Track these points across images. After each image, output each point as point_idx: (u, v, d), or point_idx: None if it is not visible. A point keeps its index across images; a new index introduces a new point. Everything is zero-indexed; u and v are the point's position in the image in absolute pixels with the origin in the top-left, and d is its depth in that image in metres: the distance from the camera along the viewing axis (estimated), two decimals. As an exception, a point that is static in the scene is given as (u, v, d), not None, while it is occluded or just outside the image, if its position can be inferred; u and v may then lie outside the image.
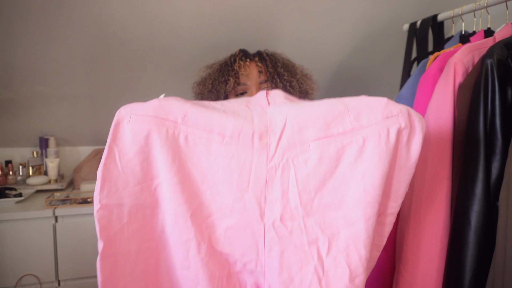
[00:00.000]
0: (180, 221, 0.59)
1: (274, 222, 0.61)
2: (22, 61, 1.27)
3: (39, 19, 1.14)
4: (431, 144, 0.88)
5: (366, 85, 1.74)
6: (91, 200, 1.36)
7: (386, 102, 0.60)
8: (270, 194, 0.61)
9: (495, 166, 0.76)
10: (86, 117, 1.59)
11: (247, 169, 0.61)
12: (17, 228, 1.25)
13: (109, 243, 0.58)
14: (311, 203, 0.61)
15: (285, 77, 0.96)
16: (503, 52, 0.78)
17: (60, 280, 1.31)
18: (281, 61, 0.98)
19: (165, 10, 1.20)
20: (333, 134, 0.60)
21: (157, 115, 0.58)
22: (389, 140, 0.59)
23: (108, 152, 0.58)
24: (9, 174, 1.56)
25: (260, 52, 1.01)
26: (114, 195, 0.58)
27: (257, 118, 0.63)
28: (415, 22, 1.24)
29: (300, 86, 0.99)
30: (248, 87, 0.95)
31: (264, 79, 0.95)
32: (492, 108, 0.76)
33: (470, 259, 0.77)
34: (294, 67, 1.00)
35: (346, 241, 0.60)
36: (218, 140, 0.60)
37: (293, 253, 0.62)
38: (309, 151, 0.60)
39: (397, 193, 0.64)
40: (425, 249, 0.87)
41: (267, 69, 0.95)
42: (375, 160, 0.59)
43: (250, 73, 0.95)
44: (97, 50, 1.30)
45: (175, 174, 0.58)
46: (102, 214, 0.58)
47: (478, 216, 0.77)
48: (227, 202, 0.61)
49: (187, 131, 0.59)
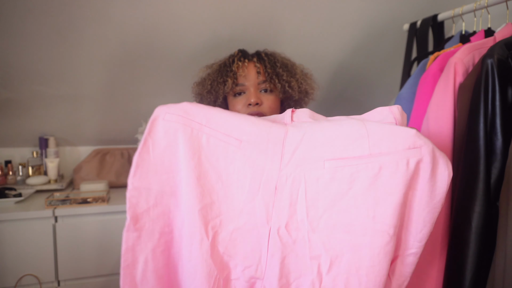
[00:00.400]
0: (190, 213, 0.64)
1: (279, 229, 0.63)
2: (22, 61, 1.27)
3: (39, 19, 1.14)
4: (431, 144, 0.88)
5: (366, 85, 1.74)
6: (91, 200, 1.36)
7: (413, 133, 0.59)
8: (279, 200, 0.63)
9: (496, 166, 0.76)
10: (86, 117, 1.59)
11: (259, 173, 0.64)
12: (17, 228, 1.25)
13: (134, 219, 0.64)
14: (318, 220, 0.62)
15: (284, 77, 0.95)
16: (504, 52, 0.78)
17: (59, 280, 1.31)
18: (280, 61, 0.98)
19: (165, 11, 1.20)
20: (349, 156, 0.60)
21: (186, 115, 0.65)
22: (407, 170, 0.58)
23: (144, 143, 0.65)
24: (9, 174, 1.56)
25: (259, 52, 1.00)
26: (144, 180, 0.65)
27: (275, 128, 0.66)
28: (415, 22, 1.24)
29: (299, 86, 0.98)
30: (246, 87, 0.95)
31: (263, 80, 0.94)
32: (492, 108, 0.76)
33: (470, 259, 0.77)
34: (293, 66, 1.00)
35: (349, 265, 0.61)
36: (236, 144, 0.65)
37: (294, 261, 0.63)
38: (322, 169, 0.62)
39: (420, 232, 0.61)
40: (425, 249, 0.87)
41: (266, 69, 0.95)
42: (390, 189, 0.59)
43: (248, 73, 0.94)
44: (97, 50, 1.29)
45: (192, 169, 0.64)
46: (132, 194, 0.64)
47: (478, 216, 0.76)
48: (238, 204, 0.65)
49: (209, 133, 0.65)
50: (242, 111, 0.94)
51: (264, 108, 0.95)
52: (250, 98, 0.92)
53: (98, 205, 1.33)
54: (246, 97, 0.94)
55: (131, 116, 1.63)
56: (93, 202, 1.35)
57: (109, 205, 1.34)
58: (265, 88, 0.95)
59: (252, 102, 0.92)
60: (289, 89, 0.96)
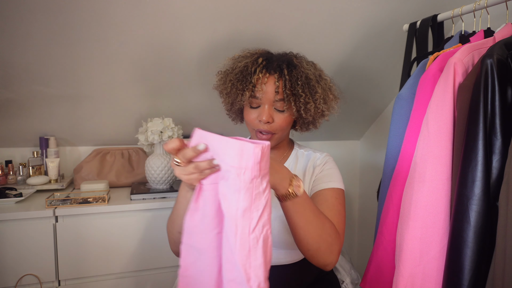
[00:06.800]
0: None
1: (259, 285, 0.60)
2: (22, 61, 1.28)
3: (39, 19, 1.14)
4: (431, 144, 0.88)
5: (366, 85, 1.74)
6: (92, 200, 1.37)
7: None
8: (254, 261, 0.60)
9: (495, 166, 0.76)
10: (86, 117, 1.59)
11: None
12: (17, 228, 1.25)
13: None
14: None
15: (301, 98, 0.92)
16: (503, 52, 0.78)
17: (60, 280, 1.31)
18: (303, 77, 0.93)
19: (165, 11, 1.20)
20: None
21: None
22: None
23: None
24: (9, 174, 1.56)
25: (282, 68, 0.94)
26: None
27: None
28: (415, 22, 1.24)
29: (316, 107, 0.95)
30: (261, 102, 0.94)
31: (279, 98, 0.92)
32: (492, 108, 0.76)
33: (470, 259, 0.77)
34: (316, 85, 0.95)
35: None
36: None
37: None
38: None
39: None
40: (425, 249, 0.87)
41: (285, 89, 0.92)
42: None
43: (266, 90, 0.92)
44: (97, 50, 1.30)
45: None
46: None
47: (478, 216, 0.77)
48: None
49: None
50: (253, 123, 0.96)
51: (275, 126, 0.95)
52: (262, 115, 0.92)
53: (99, 205, 1.33)
54: (259, 111, 0.94)
55: (131, 116, 1.63)
56: (93, 202, 1.35)
57: (110, 205, 1.34)
58: (280, 108, 0.94)
59: (263, 120, 0.92)
60: (302, 113, 0.94)
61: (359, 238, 2.23)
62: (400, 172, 1.00)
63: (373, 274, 1.04)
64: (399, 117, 1.10)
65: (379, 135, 2.02)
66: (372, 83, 1.74)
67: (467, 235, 0.78)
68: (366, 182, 2.15)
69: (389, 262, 0.99)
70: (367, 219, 2.13)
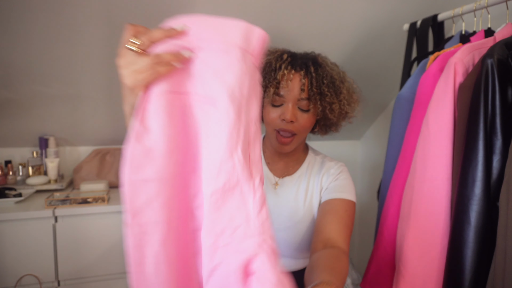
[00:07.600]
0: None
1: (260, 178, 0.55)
2: (22, 61, 1.27)
3: (39, 18, 1.14)
4: (431, 144, 0.88)
5: (366, 85, 1.74)
6: (91, 200, 1.36)
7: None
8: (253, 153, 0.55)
9: (496, 166, 0.76)
10: (86, 117, 1.59)
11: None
12: (17, 228, 1.25)
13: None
14: None
15: (327, 98, 0.88)
16: (504, 52, 0.78)
17: (59, 280, 1.31)
18: (329, 76, 0.89)
19: (165, 10, 1.20)
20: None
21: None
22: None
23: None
24: (9, 174, 1.56)
25: (308, 65, 0.89)
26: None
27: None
28: (415, 22, 1.24)
29: (341, 108, 0.91)
30: (285, 100, 0.88)
31: (304, 97, 0.88)
32: (492, 108, 0.76)
33: (470, 259, 0.77)
34: (341, 85, 0.91)
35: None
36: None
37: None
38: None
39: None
40: (425, 249, 0.87)
41: (311, 88, 0.87)
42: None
43: (291, 87, 0.87)
44: (97, 50, 1.30)
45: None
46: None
47: (478, 216, 0.77)
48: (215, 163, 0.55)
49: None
50: (275, 123, 0.90)
51: (298, 126, 0.89)
52: (286, 114, 0.87)
53: (98, 205, 1.33)
54: (282, 110, 0.88)
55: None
56: (93, 202, 1.35)
57: (109, 205, 1.34)
58: (304, 107, 0.89)
59: (287, 119, 0.87)
60: (327, 112, 0.90)
61: (359, 238, 2.23)
62: (400, 172, 1.00)
63: (373, 274, 1.04)
64: (399, 117, 1.09)
65: (379, 135, 2.02)
66: (372, 83, 1.73)
67: (467, 235, 0.78)
68: (366, 182, 2.15)
69: (389, 262, 0.99)
70: (367, 219, 2.13)
